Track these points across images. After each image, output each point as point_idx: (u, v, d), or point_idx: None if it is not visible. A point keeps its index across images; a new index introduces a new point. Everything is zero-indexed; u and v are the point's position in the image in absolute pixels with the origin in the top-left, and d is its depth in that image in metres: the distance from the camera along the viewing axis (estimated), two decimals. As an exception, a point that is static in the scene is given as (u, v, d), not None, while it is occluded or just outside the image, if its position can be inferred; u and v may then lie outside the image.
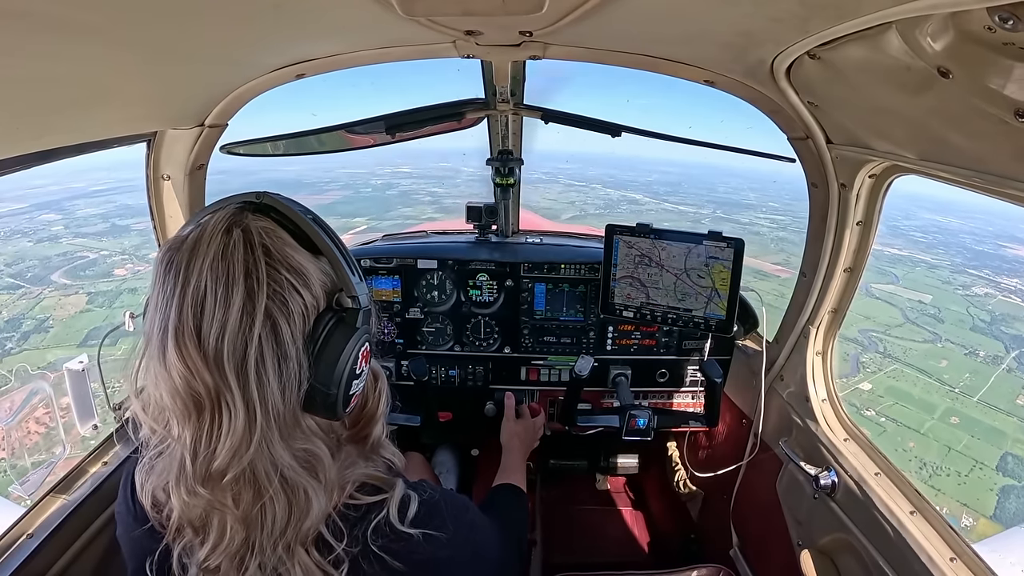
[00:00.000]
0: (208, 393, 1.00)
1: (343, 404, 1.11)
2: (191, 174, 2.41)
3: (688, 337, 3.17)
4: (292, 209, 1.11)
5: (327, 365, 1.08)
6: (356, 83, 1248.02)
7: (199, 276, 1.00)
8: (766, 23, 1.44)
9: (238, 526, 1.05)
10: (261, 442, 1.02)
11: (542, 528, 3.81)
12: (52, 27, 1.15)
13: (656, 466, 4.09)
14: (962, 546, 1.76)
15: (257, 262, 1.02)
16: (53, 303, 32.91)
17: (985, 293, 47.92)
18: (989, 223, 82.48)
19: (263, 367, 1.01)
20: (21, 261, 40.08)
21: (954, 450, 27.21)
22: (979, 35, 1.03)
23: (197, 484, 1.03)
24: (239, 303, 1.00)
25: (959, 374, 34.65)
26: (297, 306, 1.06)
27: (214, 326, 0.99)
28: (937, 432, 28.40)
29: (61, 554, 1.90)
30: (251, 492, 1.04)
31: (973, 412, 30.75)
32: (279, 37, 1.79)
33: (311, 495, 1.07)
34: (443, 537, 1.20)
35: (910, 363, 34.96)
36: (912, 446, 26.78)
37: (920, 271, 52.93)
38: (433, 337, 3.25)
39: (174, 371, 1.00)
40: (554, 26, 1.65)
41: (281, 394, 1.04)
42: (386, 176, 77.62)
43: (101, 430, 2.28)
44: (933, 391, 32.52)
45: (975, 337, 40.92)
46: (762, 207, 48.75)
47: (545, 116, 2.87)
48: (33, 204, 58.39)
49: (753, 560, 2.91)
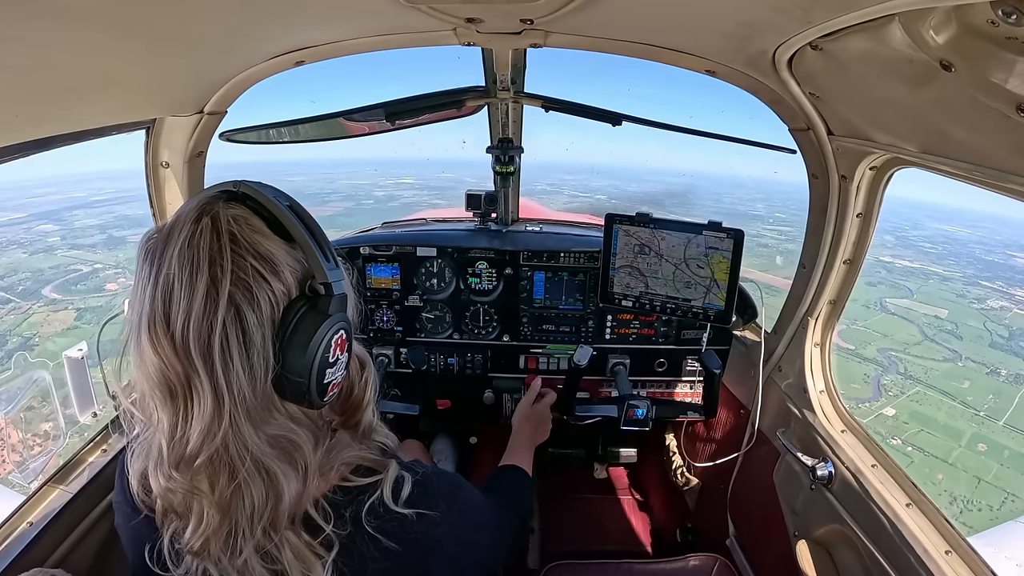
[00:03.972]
0: (179, 379, 1.01)
1: (319, 393, 1.11)
2: (190, 161, 2.41)
3: (687, 327, 3.17)
4: (266, 196, 1.10)
5: (296, 352, 1.07)
6: (356, 71, 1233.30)
7: (168, 264, 1.01)
8: (768, 13, 1.43)
9: (213, 510, 1.06)
10: (230, 426, 1.03)
11: (539, 516, 3.83)
12: (51, 14, 1.15)
13: (654, 456, 4.10)
14: (957, 539, 1.77)
15: (223, 249, 1.02)
16: (41, 319, 32.33)
17: (1001, 306, 47.02)
18: (996, 231, 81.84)
19: (228, 353, 1.02)
20: (14, 273, 39.29)
21: (984, 481, 26.00)
22: (982, 29, 1.02)
23: (172, 469, 1.04)
24: (203, 290, 1.00)
25: (983, 395, 33.53)
26: (264, 293, 1.05)
27: (180, 314, 0.99)
28: (965, 461, 27.25)
29: (61, 541, 1.91)
30: (225, 476, 1.05)
31: (1000, 437, 29.58)
32: (278, 23, 1.78)
33: (282, 479, 1.08)
34: (436, 516, 1.21)
35: (932, 385, 33.82)
36: (941, 478, 25.67)
37: (933, 284, 51.99)
38: (432, 325, 3.26)
39: (148, 359, 1.02)
40: (555, 14, 1.64)
41: (249, 380, 1.04)
42: (389, 188, 77.35)
43: (101, 417, 2.28)
44: (958, 415, 31.35)
45: (995, 354, 39.80)
46: (769, 218, 48.19)
47: (545, 104, 2.86)
48: (32, 214, 57.92)
49: (750, 550, 2.93)
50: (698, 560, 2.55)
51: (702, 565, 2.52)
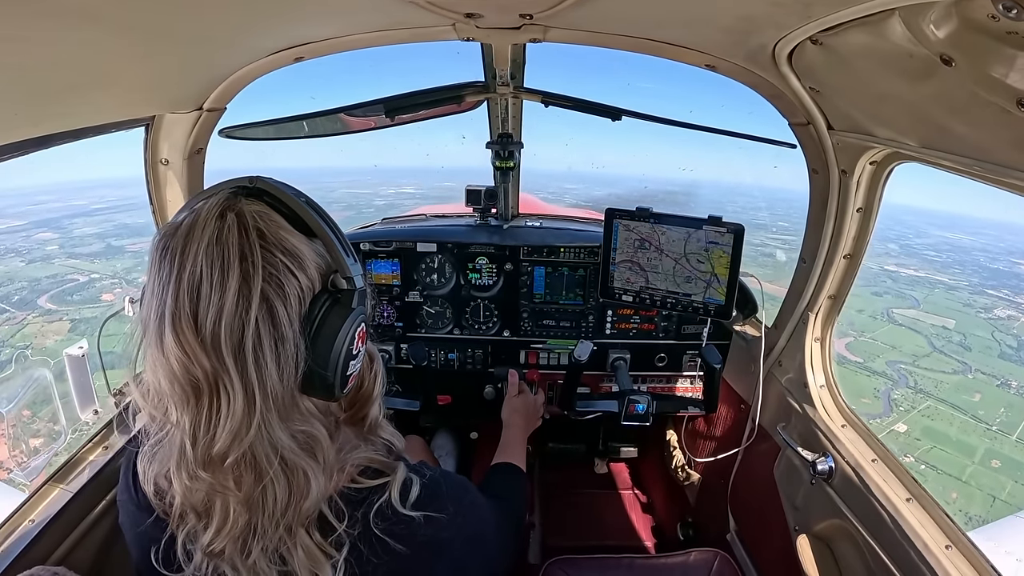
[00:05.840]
0: (206, 377, 1.00)
1: (340, 385, 1.11)
2: (190, 158, 2.40)
3: (687, 322, 3.18)
4: (285, 192, 1.11)
5: (324, 346, 1.08)
6: (355, 67, 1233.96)
7: (195, 261, 1.00)
8: (768, 7, 1.42)
9: (241, 508, 1.06)
10: (260, 424, 1.02)
11: (540, 511, 3.85)
12: (50, 13, 1.15)
13: (654, 451, 4.11)
14: (957, 534, 1.77)
15: (252, 246, 1.02)
16: (35, 330, 31.78)
17: (1008, 316, 46.31)
18: (1000, 239, 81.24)
19: (260, 350, 1.02)
20: (10, 283, 38.46)
21: (999, 499, 25.23)
22: (982, 24, 1.02)
23: (198, 468, 1.03)
24: (235, 287, 1.00)
25: (994, 409, 32.64)
26: (293, 288, 1.06)
27: (211, 310, 0.99)
28: (979, 479, 26.53)
29: (63, 539, 1.91)
30: (252, 475, 1.05)
31: (1014, 453, 28.93)
32: (277, 20, 1.77)
33: (310, 476, 1.08)
34: (444, 519, 1.21)
35: (943, 398, 32.98)
36: (955, 497, 24.89)
37: (940, 293, 51.15)
38: (432, 320, 3.26)
39: (172, 356, 1.01)
40: (555, 9, 1.64)
41: (279, 376, 1.04)
42: (390, 196, 76.95)
43: (101, 415, 2.28)
44: (970, 430, 30.62)
45: (1004, 365, 39.04)
46: (772, 226, 47.73)
47: (545, 99, 2.85)
48: (32, 221, 57.35)
49: (750, 545, 2.94)
50: (699, 555, 2.55)
51: (703, 560, 2.53)
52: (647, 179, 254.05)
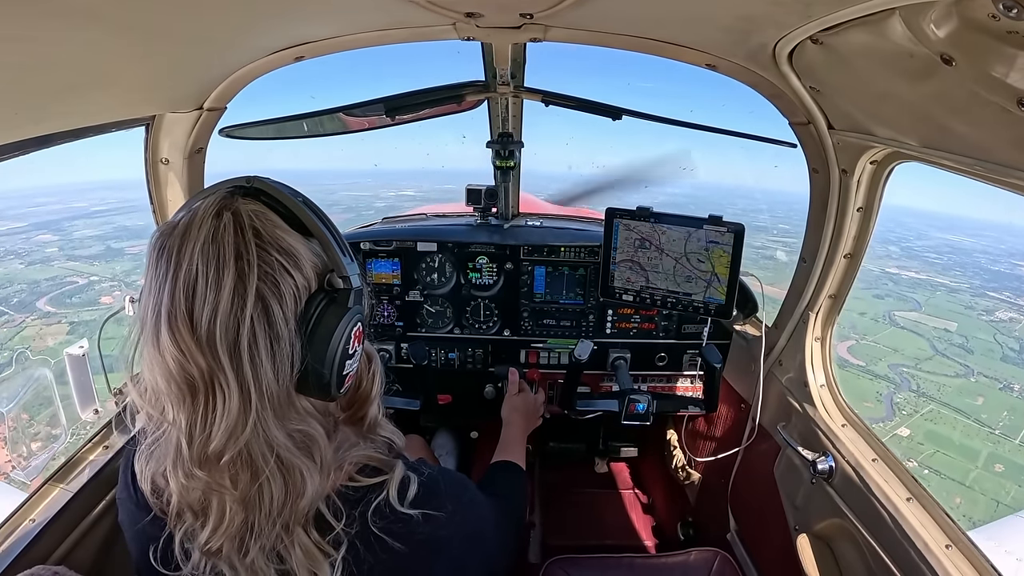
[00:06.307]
0: (202, 375, 1.01)
1: (337, 384, 1.11)
2: (190, 158, 2.40)
3: (687, 321, 3.18)
4: (282, 192, 1.11)
5: (320, 345, 1.08)
6: (355, 66, 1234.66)
7: (190, 260, 1.00)
8: (768, 7, 1.43)
9: (237, 507, 1.06)
10: (256, 423, 1.02)
11: (540, 511, 3.85)
12: (50, 13, 1.15)
13: (655, 450, 4.11)
14: (957, 533, 1.77)
15: (247, 244, 1.03)
16: (34, 333, 31.71)
17: (1010, 318, 46.39)
18: (1001, 240, 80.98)
19: (256, 348, 1.02)
20: (9, 285, 38.53)
21: (1003, 504, 24.84)
22: (983, 23, 1.02)
23: (194, 467, 1.03)
24: (230, 285, 1.00)
25: (997, 412, 32.33)
26: (288, 287, 1.06)
27: (206, 309, 0.99)
28: (983, 483, 26.33)
29: (63, 539, 1.91)
30: (248, 473, 1.05)
31: (1017, 457, 28.62)
32: (278, 19, 1.77)
33: (306, 475, 1.08)
34: (442, 517, 1.21)
35: (946, 402, 32.67)
36: (959, 502, 24.72)
37: (941, 295, 51.08)
38: (433, 320, 3.26)
39: (168, 355, 1.01)
40: (555, 8, 1.64)
41: (275, 375, 1.04)
42: (390, 199, 76.81)
43: (102, 415, 2.28)
44: (973, 434, 30.36)
45: (1007, 368, 38.83)
46: (773, 229, 47.60)
47: (546, 99, 2.85)
48: (32, 223, 57.23)
49: (750, 544, 2.94)
50: (699, 554, 2.55)
51: (703, 559, 2.53)
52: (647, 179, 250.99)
